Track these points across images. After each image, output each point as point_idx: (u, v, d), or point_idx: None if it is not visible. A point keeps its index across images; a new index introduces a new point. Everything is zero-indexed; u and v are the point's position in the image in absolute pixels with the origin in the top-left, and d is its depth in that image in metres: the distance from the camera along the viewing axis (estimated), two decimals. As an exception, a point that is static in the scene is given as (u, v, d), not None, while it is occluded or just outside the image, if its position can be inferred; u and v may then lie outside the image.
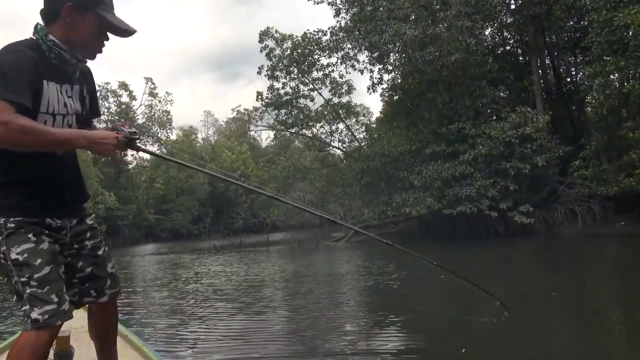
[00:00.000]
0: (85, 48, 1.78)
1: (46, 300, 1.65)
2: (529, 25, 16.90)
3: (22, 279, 1.65)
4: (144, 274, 12.68)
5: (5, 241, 1.67)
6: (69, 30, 1.71)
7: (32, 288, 1.65)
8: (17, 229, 1.68)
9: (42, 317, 1.64)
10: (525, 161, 14.39)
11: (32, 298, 1.65)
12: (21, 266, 1.66)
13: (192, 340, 4.73)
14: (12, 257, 1.66)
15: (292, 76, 21.87)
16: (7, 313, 6.51)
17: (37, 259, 1.67)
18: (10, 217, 1.68)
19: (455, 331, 4.47)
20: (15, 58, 1.60)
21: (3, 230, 1.67)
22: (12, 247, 1.66)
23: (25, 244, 1.67)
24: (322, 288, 8.03)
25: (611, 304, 5.60)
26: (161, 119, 43.69)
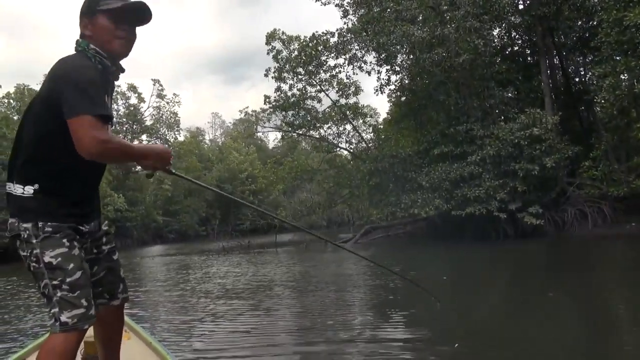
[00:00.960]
0: (113, 46, 1.82)
1: (76, 304, 1.70)
2: (538, 25, 16.80)
3: (54, 282, 1.70)
4: (155, 275, 12.76)
5: (40, 244, 1.71)
6: (94, 37, 1.81)
7: (63, 292, 1.69)
8: (53, 233, 1.73)
9: (71, 320, 1.69)
10: (534, 162, 14.29)
11: (62, 301, 1.69)
12: (54, 269, 1.70)
13: (202, 336, 4.82)
14: (46, 260, 1.70)
15: (300, 77, 21.92)
16: (32, 315, 6.57)
17: (70, 263, 1.72)
18: (48, 222, 1.73)
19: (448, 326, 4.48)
20: (88, 73, 1.68)
21: (40, 233, 1.72)
22: (47, 251, 1.71)
23: (59, 248, 1.72)
24: (330, 287, 8.05)
25: (613, 305, 5.56)
26: (169, 121, 43.97)
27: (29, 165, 1.75)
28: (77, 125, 1.59)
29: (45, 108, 1.69)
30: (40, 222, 1.72)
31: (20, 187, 1.73)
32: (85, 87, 1.63)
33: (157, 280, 11.05)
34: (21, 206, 1.74)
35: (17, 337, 5.17)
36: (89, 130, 1.58)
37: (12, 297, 8.98)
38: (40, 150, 1.73)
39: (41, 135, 1.71)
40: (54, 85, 1.66)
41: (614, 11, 13.15)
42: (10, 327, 5.81)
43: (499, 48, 18.33)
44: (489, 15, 15.83)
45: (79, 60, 1.72)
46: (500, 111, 16.44)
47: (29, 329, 5.59)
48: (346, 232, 24.75)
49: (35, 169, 1.74)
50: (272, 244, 21.33)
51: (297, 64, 21.05)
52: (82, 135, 1.59)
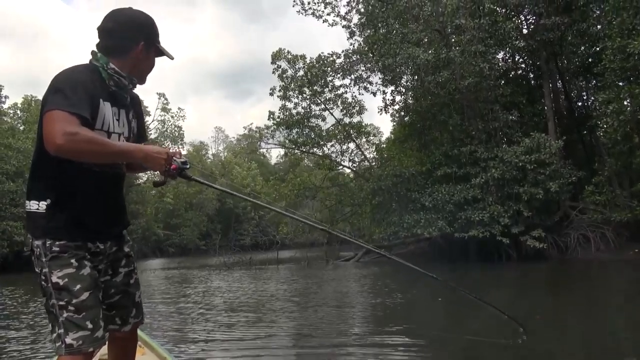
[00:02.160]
0: (142, 76, 1.93)
1: (81, 326, 1.68)
2: (542, 50, 17.04)
3: (60, 302, 1.68)
4: (159, 288, 12.72)
5: (48, 263, 1.70)
6: (137, 64, 1.86)
7: (69, 313, 1.67)
8: (61, 252, 1.70)
9: (75, 342, 1.66)
10: (539, 186, 14.35)
11: (68, 323, 1.67)
12: (61, 290, 1.68)
13: (212, 350, 4.88)
14: (53, 280, 1.68)
15: (305, 96, 22.14)
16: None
17: (77, 284, 1.69)
18: (56, 241, 1.71)
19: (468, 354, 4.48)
20: (72, 76, 1.68)
21: (48, 252, 1.70)
22: (54, 270, 1.69)
23: (67, 269, 1.70)
24: (332, 305, 8.05)
25: (601, 328, 5.56)
26: (173, 134, 44.18)
27: (40, 181, 1.75)
28: (46, 121, 1.54)
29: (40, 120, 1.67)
30: (48, 241, 1.70)
31: (36, 203, 1.73)
32: (62, 86, 1.61)
33: (164, 294, 11.03)
34: (34, 222, 1.74)
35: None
36: (56, 124, 1.52)
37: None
38: (46, 165, 1.72)
39: (43, 148, 1.66)
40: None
41: (618, 38, 13.35)
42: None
43: (503, 71, 18.53)
44: (494, 39, 16.08)
45: (72, 69, 1.72)
46: (503, 134, 16.55)
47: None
48: (347, 250, 24.65)
49: (45, 184, 1.74)
50: (274, 260, 21.27)
51: (303, 84, 21.27)
52: (49, 129, 1.52)
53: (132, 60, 1.84)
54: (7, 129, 26.50)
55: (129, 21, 1.84)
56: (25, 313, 8.34)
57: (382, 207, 17.95)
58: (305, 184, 23.94)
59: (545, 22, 15.79)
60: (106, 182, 1.85)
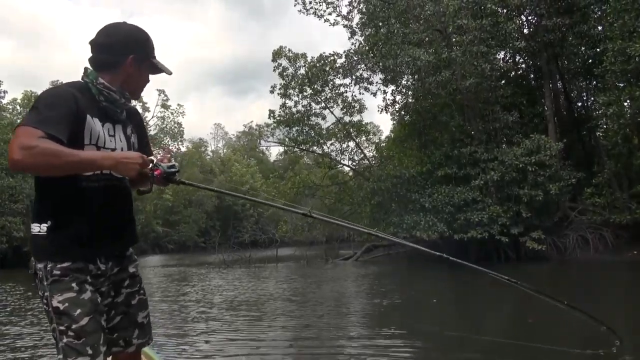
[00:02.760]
0: (135, 91, 1.90)
1: (80, 351, 1.64)
2: (543, 51, 17.05)
3: (61, 327, 1.65)
4: (160, 285, 12.74)
5: (49, 287, 1.67)
6: (127, 79, 1.83)
7: (69, 338, 1.65)
8: (62, 276, 1.67)
9: None
10: (538, 188, 14.38)
11: (67, 348, 1.65)
12: (61, 315, 1.66)
13: (210, 351, 4.88)
14: (54, 304, 1.66)
15: (305, 94, 22.13)
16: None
17: (77, 309, 1.66)
18: (57, 264, 1.67)
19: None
20: (53, 94, 1.66)
21: (49, 276, 1.67)
22: (55, 295, 1.66)
23: (67, 293, 1.66)
24: (330, 304, 8.08)
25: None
26: (172, 131, 44.17)
27: (41, 202, 1.73)
28: (12, 138, 1.50)
29: None
30: (49, 264, 1.67)
31: (37, 226, 1.70)
32: (37, 104, 1.59)
33: (165, 291, 11.06)
34: (35, 245, 1.71)
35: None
36: (16, 139, 1.47)
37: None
38: (45, 186, 1.70)
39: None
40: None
41: (619, 41, 13.38)
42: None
43: (504, 72, 18.54)
44: (495, 40, 16.08)
45: (53, 87, 1.71)
46: (503, 135, 16.57)
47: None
48: (346, 248, 24.71)
49: (45, 206, 1.72)
50: (273, 258, 21.31)
51: (303, 84, 21.26)
52: (10, 144, 1.48)
53: (123, 75, 1.81)
54: (6, 125, 26.41)
55: (120, 35, 1.81)
56: (27, 309, 8.38)
57: (381, 207, 17.96)
58: (304, 182, 23.96)
59: (547, 23, 15.82)
60: (109, 198, 1.79)
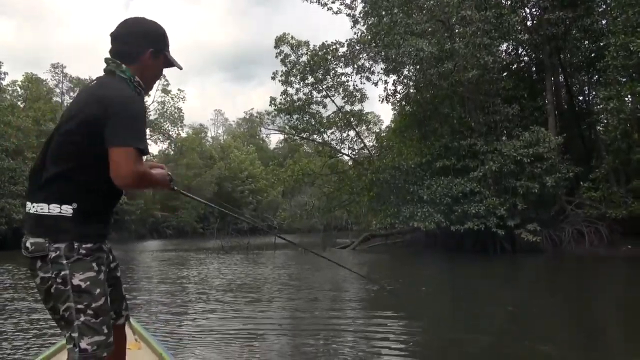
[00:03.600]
0: (150, 84, 1.96)
1: (98, 330, 1.67)
2: (545, 44, 17.02)
3: (79, 305, 1.66)
4: (159, 269, 12.89)
5: (70, 265, 1.67)
6: (144, 71, 1.89)
7: (87, 317, 1.66)
8: (86, 256, 1.71)
9: (90, 347, 1.65)
10: (535, 180, 14.48)
11: (84, 327, 1.66)
12: (81, 293, 1.67)
13: (210, 340, 4.93)
14: (75, 282, 1.66)
15: (306, 82, 22.08)
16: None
17: (97, 288, 1.70)
18: (82, 243, 1.71)
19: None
20: (138, 105, 1.75)
21: (74, 254, 1.68)
22: (77, 273, 1.67)
23: (89, 272, 1.69)
24: (324, 288, 8.22)
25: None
26: (173, 116, 44.05)
27: (65, 184, 1.72)
28: (120, 155, 1.63)
29: (87, 131, 1.69)
30: (76, 243, 1.69)
31: (57, 207, 1.70)
32: (135, 119, 1.69)
33: (165, 276, 11.19)
34: (55, 226, 1.70)
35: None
36: (130, 163, 1.62)
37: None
38: (77, 171, 1.72)
39: (79, 156, 1.71)
40: (101, 110, 1.66)
41: (621, 35, 13.37)
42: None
43: (506, 64, 18.51)
44: (498, 32, 16.04)
45: (127, 90, 1.76)
46: (503, 127, 16.62)
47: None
48: (344, 237, 24.88)
49: (71, 189, 1.72)
50: (271, 245, 21.46)
51: (305, 70, 21.20)
52: (123, 165, 1.62)
53: (140, 67, 1.87)
54: (6, 107, 26.36)
55: (140, 28, 1.89)
56: (32, 288, 8.49)
57: (380, 198, 18.07)
58: (304, 170, 24.02)
59: (550, 16, 15.77)
60: (119, 191, 1.87)
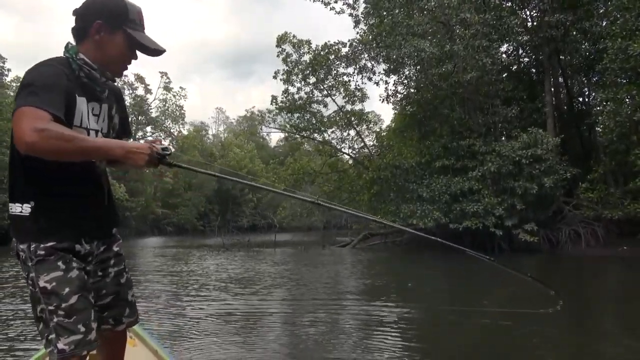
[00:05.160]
0: (112, 65, 1.78)
1: (72, 330, 1.63)
2: (545, 45, 17.17)
3: (50, 307, 1.63)
4: (161, 264, 13.06)
5: (35, 267, 1.63)
6: (98, 48, 1.72)
7: (59, 317, 1.63)
8: (47, 256, 1.64)
9: (68, 347, 1.62)
10: (533, 181, 14.64)
11: (59, 327, 1.62)
12: (49, 295, 1.63)
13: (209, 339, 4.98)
14: (41, 284, 1.63)
15: (308, 82, 22.24)
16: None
17: (65, 287, 1.64)
18: (41, 243, 1.64)
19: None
20: (46, 71, 1.59)
21: (33, 257, 1.63)
22: (42, 275, 1.63)
23: (54, 272, 1.63)
24: (322, 283, 8.40)
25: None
26: (174, 114, 44.26)
27: (22, 182, 1.66)
28: (15, 119, 1.45)
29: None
30: (33, 244, 1.63)
31: (19, 206, 1.65)
32: (31, 82, 1.53)
33: (166, 273, 11.37)
34: (17, 226, 1.66)
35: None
36: (25, 120, 1.42)
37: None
38: (27, 165, 1.62)
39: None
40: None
41: (619, 39, 13.51)
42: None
43: (505, 66, 18.65)
44: (498, 34, 16.19)
45: (42, 64, 1.63)
46: (502, 128, 16.78)
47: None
48: (344, 235, 25.07)
49: (28, 185, 1.65)
50: (271, 243, 21.65)
51: (306, 69, 21.35)
52: (18, 126, 1.43)
53: (92, 44, 1.71)
54: (9, 103, 26.52)
55: (95, 2, 1.73)
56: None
57: (379, 196, 18.25)
58: (304, 169, 24.20)
59: (549, 19, 15.92)
60: (89, 183, 1.77)
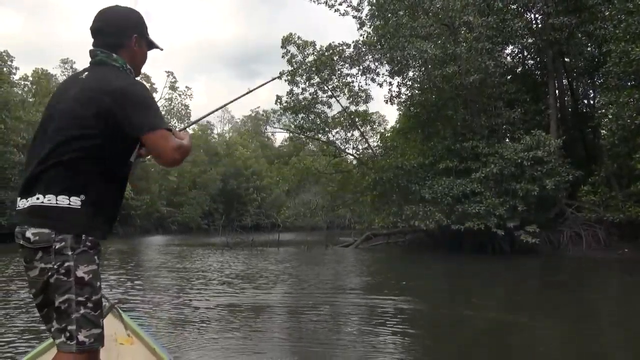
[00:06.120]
0: (137, 69, 2.01)
1: (96, 323, 1.68)
2: (548, 48, 17.23)
3: (80, 298, 1.64)
4: (166, 261, 13.26)
5: (75, 257, 1.66)
6: (133, 57, 1.94)
7: (87, 309, 1.65)
8: (90, 248, 1.71)
9: (88, 339, 1.64)
10: (535, 183, 14.72)
11: (83, 319, 1.64)
12: (84, 285, 1.66)
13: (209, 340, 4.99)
14: (79, 275, 1.65)
15: (312, 82, 22.36)
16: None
17: (97, 281, 1.71)
18: (89, 235, 1.71)
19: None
20: (148, 91, 1.84)
21: (80, 246, 1.67)
22: (81, 265, 1.66)
23: (92, 265, 1.70)
24: (321, 280, 8.56)
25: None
26: (180, 113, 44.55)
27: (74, 176, 1.70)
28: (157, 139, 1.72)
29: (100, 123, 1.70)
30: (83, 235, 1.68)
31: (65, 198, 1.67)
32: (151, 104, 1.77)
33: (173, 267, 11.57)
34: (64, 217, 1.67)
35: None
36: (168, 142, 1.72)
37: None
38: (87, 162, 1.71)
39: (90, 148, 1.70)
40: (116, 102, 1.70)
41: (622, 42, 13.58)
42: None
43: (509, 68, 18.71)
44: (501, 37, 16.27)
45: (131, 78, 1.83)
46: (506, 131, 16.86)
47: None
48: (347, 235, 25.22)
49: (80, 180, 1.71)
50: (275, 242, 21.83)
51: (311, 71, 21.48)
52: (164, 147, 1.72)
53: (129, 55, 1.91)
54: (18, 102, 26.84)
55: (120, 17, 1.93)
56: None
57: (382, 197, 18.37)
58: (308, 169, 24.33)
59: (553, 21, 15.99)
60: (124, 181, 1.90)
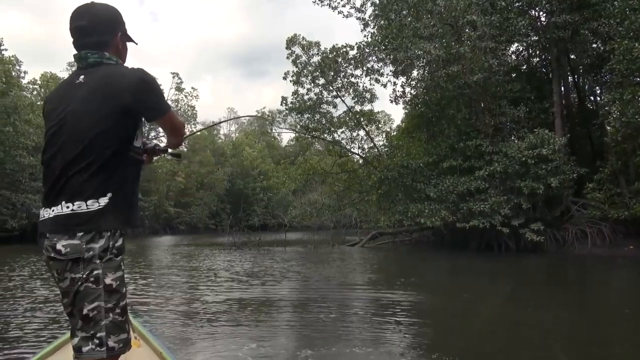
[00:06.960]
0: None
1: (124, 328, 1.71)
2: (553, 46, 17.27)
3: (109, 304, 1.67)
4: (174, 260, 13.50)
5: (103, 265, 1.68)
6: (118, 54, 1.95)
7: (115, 315, 1.68)
8: (117, 255, 1.73)
9: (117, 345, 1.68)
10: (540, 181, 14.80)
11: (112, 326, 1.67)
12: (112, 292, 1.68)
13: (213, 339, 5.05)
14: (107, 282, 1.68)
15: (317, 83, 22.54)
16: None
17: (124, 287, 1.74)
18: (118, 238, 1.74)
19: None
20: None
21: (107, 254, 1.69)
22: (109, 272, 1.69)
23: (119, 272, 1.72)
24: (328, 278, 8.72)
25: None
26: (186, 114, 44.87)
27: (100, 177, 1.70)
28: (173, 118, 1.93)
29: (121, 117, 1.73)
30: (112, 239, 1.70)
31: (95, 201, 1.68)
32: (160, 89, 1.89)
33: (182, 266, 11.80)
34: (94, 220, 1.67)
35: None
36: (178, 119, 1.97)
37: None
38: (111, 160, 1.72)
39: (113, 145, 1.72)
40: (135, 96, 1.73)
41: (625, 40, 13.63)
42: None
43: (513, 67, 18.75)
44: (505, 36, 16.33)
45: (136, 69, 1.83)
46: (510, 129, 16.93)
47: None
48: (353, 234, 25.37)
49: (107, 179, 1.72)
50: (282, 242, 22.03)
51: (315, 72, 21.65)
52: (179, 123, 1.98)
53: (116, 52, 1.93)
54: (26, 105, 27.23)
55: (104, 15, 1.91)
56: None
57: (388, 196, 18.51)
58: (314, 168, 24.51)
59: (557, 19, 16.04)
60: (139, 177, 1.93)
